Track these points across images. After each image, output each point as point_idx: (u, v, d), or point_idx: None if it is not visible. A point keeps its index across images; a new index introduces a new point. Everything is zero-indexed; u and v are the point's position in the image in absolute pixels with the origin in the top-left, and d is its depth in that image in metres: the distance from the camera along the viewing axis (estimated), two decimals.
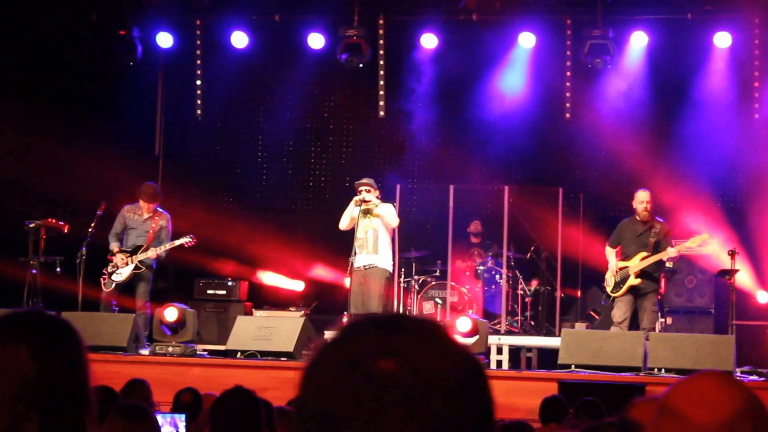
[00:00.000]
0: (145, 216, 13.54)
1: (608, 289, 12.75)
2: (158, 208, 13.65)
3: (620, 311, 12.59)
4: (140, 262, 13.30)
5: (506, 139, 15.81)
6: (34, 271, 13.52)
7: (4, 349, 1.76)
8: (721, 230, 14.12)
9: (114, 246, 13.43)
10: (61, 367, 1.77)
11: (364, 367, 1.36)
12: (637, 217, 12.81)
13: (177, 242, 13.45)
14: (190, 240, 13.46)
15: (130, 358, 11.93)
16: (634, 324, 12.66)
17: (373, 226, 12.58)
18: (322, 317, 14.07)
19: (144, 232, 13.49)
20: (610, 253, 12.91)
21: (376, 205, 12.56)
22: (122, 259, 13.29)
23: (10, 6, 15.82)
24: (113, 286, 13.28)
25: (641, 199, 12.79)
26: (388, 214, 12.55)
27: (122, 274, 13.30)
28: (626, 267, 12.61)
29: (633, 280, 12.55)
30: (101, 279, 13.35)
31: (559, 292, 14.91)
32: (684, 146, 15.27)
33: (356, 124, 16.96)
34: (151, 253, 13.34)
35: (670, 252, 12.53)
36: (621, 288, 12.59)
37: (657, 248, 12.59)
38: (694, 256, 13.94)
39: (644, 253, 12.58)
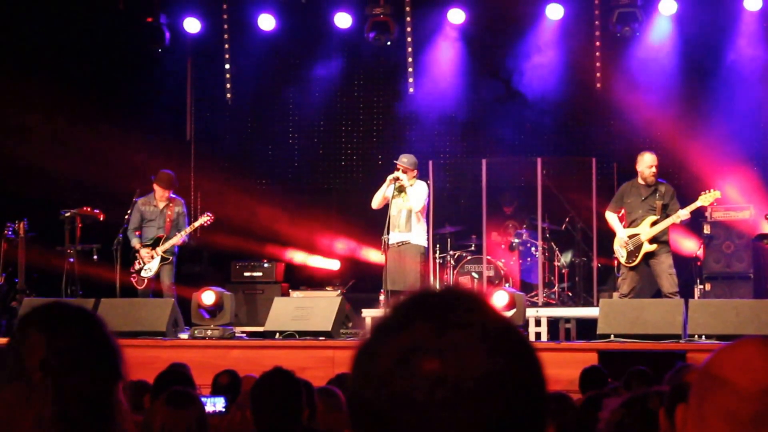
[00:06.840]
0: (161, 205, 13.47)
1: (622, 260, 12.28)
2: (173, 195, 13.57)
3: (626, 284, 12.26)
4: (165, 252, 13.30)
5: (537, 110, 15.74)
6: (72, 260, 13.61)
7: (23, 333, 2.13)
8: (756, 195, 14.00)
9: (135, 243, 13.36)
10: (71, 345, 2.11)
11: (412, 366, 1.36)
12: (641, 181, 12.27)
13: (197, 223, 13.44)
14: (209, 218, 13.44)
15: (169, 342, 11.99)
16: (656, 293, 12.47)
17: (406, 205, 12.58)
18: (358, 295, 14.09)
19: (162, 222, 13.41)
20: (614, 219, 12.42)
21: (409, 185, 12.55)
22: (147, 254, 13.28)
23: None
24: (145, 282, 13.31)
25: (649, 163, 12.20)
26: (414, 197, 12.53)
27: (151, 269, 13.26)
28: (637, 234, 12.14)
29: (647, 247, 12.07)
30: (131, 278, 13.29)
31: (595, 262, 14.84)
32: (717, 112, 15.13)
33: (386, 101, 16.93)
34: (175, 240, 13.30)
35: (682, 214, 11.94)
36: (636, 257, 12.14)
37: (665, 211, 12.11)
38: (730, 221, 13.82)
39: (653, 217, 12.08)
